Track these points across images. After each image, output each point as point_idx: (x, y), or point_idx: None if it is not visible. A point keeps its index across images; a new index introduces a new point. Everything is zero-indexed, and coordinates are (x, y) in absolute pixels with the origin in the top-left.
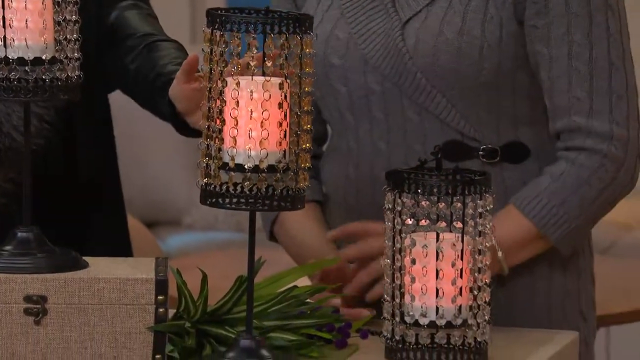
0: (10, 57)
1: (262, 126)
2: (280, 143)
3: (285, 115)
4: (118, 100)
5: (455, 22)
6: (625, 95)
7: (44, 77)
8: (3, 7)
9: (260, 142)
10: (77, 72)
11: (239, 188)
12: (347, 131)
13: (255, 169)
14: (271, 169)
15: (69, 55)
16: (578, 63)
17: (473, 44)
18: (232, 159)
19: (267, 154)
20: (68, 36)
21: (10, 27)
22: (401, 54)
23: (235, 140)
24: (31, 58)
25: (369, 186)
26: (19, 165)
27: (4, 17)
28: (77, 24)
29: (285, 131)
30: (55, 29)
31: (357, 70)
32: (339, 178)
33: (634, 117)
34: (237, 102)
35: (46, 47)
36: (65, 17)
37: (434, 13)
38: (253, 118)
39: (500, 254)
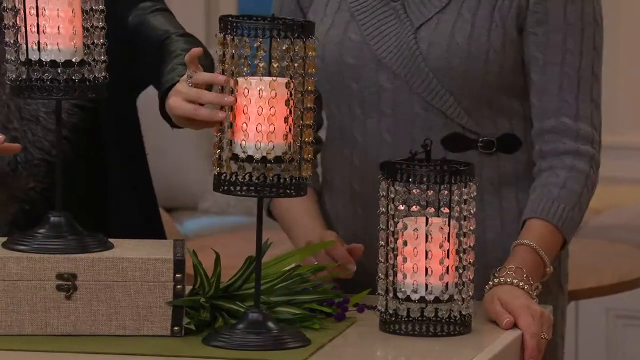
0: (43, 59)
1: (269, 121)
2: (286, 136)
3: (290, 112)
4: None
5: (465, 28)
6: (600, 105)
7: (73, 77)
8: (37, 15)
9: (268, 135)
10: (103, 73)
11: (247, 177)
12: (354, 123)
13: (263, 159)
14: (277, 159)
15: (96, 58)
16: (569, 70)
17: (481, 49)
18: (243, 150)
19: (274, 146)
20: (95, 41)
21: (44, 33)
22: (414, 56)
23: (246, 134)
24: (62, 61)
25: (373, 174)
26: (37, 176)
27: (38, 24)
28: (103, 30)
29: (290, 126)
30: (84, 34)
31: (370, 69)
32: (344, 166)
33: (601, 124)
34: (248, 99)
35: (76, 51)
36: (92, 23)
37: (445, 20)
38: (262, 114)
39: (546, 258)
